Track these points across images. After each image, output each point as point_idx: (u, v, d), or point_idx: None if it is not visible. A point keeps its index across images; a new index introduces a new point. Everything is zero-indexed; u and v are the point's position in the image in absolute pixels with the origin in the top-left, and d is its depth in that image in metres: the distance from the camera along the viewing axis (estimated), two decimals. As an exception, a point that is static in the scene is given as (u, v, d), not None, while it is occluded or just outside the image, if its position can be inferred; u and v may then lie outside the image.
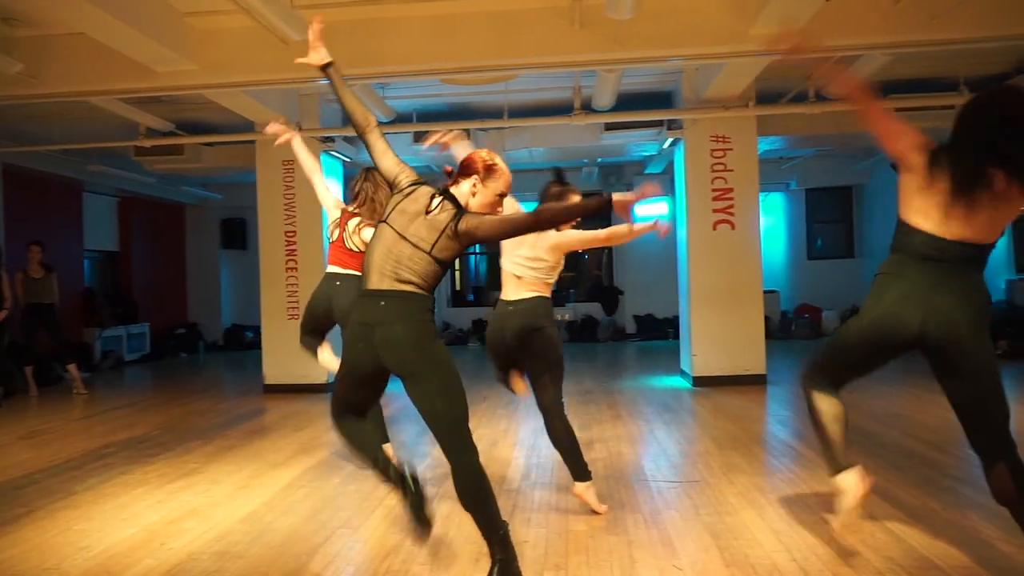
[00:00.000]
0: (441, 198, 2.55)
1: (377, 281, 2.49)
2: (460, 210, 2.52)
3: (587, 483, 3.43)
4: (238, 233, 13.31)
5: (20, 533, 3.42)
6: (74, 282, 10.15)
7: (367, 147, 2.67)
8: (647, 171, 11.67)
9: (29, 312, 7.72)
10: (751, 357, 7.30)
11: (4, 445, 5.44)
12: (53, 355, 8.49)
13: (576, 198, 3.38)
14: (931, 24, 5.07)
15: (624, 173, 12.08)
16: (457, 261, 13.80)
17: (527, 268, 3.43)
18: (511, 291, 3.46)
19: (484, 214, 2.56)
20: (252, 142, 7.94)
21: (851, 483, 2.58)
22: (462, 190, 2.59)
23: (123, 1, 4.62)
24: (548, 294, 3.50)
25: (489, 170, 2.60)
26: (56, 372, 8.75)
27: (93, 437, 5.61)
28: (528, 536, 3.17)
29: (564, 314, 12.33)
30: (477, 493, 2.50)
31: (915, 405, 5.92)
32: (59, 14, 4.62)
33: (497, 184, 2.61)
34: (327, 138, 7.79)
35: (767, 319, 7.67)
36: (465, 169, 2.61)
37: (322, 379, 7.66)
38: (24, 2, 4.83)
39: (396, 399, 4.68)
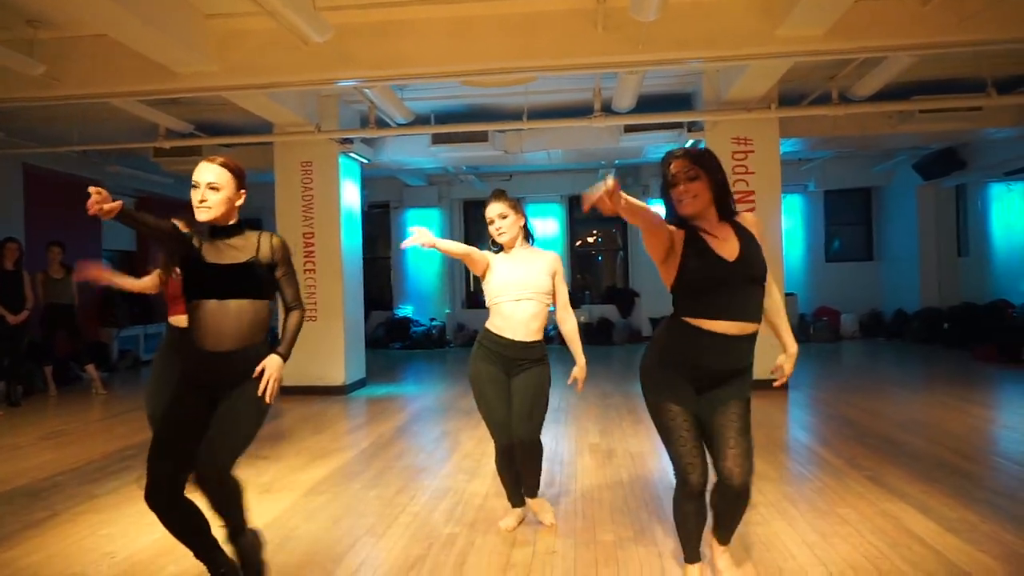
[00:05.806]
0: None
1: None
2: None
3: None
4: (254, 234, 13.34)
5: (44, 538, 3.41)
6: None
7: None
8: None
9: (48, 312, 7.75)
10: (771, 361, 7.16)
11: (25, 446, 5.44)
12: (71, 355, 8.54)
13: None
14: (961, 25, 4.97)
15: (641, 175, 12.01)
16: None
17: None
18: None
19: None
20: (270, 144, 7.91)
21: None
22: None
23: (146, 3, 4.62)
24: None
25: None
26: (74, 372, 8.79)
27: (113, 439, 5.60)
28: (556, 546, 3.12)
29: (580, 316, 12.28)
30: None
31: (940, 412, 5.82)
32: (82, 15, 4.61)
33: None
34: (345, 140, 7.76)
35: (787, 323, 7.57)
36: None
37: (339, 381, 7.65)
38: (48, 4, 4.83)
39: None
